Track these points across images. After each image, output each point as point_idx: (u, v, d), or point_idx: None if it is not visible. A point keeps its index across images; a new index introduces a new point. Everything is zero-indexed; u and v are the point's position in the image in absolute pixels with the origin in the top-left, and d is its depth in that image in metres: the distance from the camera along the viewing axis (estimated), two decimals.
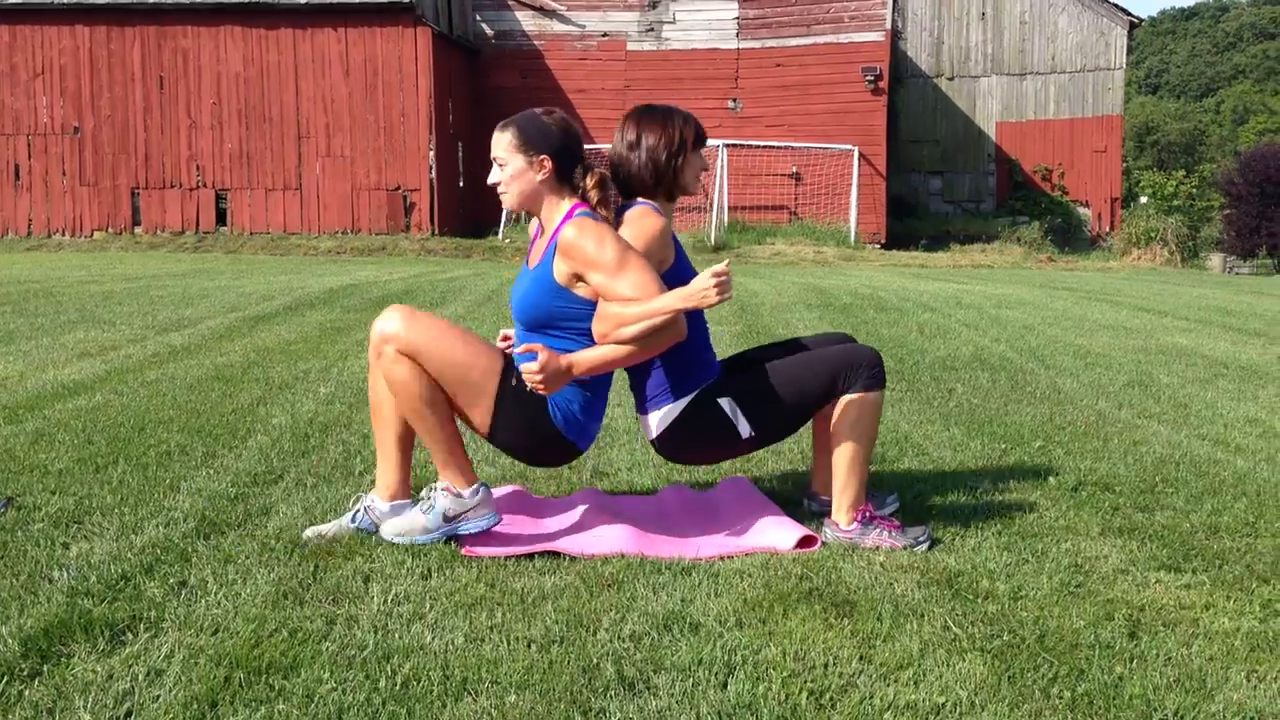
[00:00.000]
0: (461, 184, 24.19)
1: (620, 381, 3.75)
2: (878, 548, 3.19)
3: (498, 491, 3.65)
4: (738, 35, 24.06)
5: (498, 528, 3.26)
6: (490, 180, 3.29)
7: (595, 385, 3.26)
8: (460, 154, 24.16)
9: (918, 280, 15.01)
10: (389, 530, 3.19)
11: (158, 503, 3.52)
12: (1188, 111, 74.19)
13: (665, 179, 3.34)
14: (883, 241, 23.96)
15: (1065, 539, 3.29)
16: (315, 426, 4.70)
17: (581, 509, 3.48)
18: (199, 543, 3.14)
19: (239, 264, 17.17)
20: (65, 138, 23.01)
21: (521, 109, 3.30)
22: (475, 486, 3.20)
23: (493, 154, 3.27)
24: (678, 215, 23.46)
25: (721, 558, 3.14)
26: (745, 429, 3.29)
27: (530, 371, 3.04)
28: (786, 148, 23.86)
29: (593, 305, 3.15)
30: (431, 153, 22.53)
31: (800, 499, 3.62)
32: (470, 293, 11.13)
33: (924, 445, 4.55)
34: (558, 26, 24.50)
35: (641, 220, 3.27)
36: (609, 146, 3.48)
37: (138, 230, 22.97)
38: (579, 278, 3.13)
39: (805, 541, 3.21)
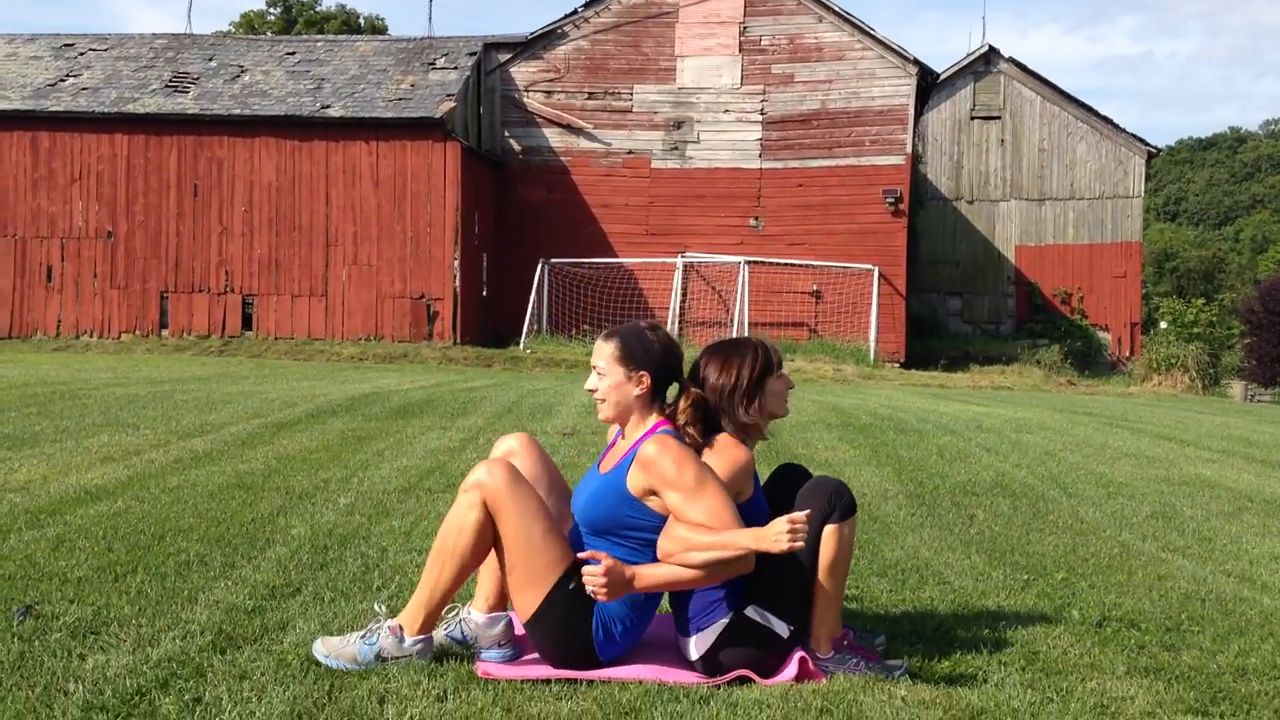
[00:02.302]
0: (485, 294, 24.47)
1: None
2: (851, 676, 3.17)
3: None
4: (760, 156, 24.51)
5: (522, 657, 3.25)
6: (588, 386, 3.32)
7: (642, 610, 3.25)
8: (484, 264, 24.50)
9: (937, 401, 15.00)
10: (319, 647, 3.17)
11: (175, 614, 3.51)
12: (1206, 239, 74.74)
13: (749, 413, 3.37)
14: (902, 360, 24.03)
15: (1090, 677, 3.23)
16: (334, 538, 4.70)
17: None
18: (215, 657, 3.12)
19: (263, 368, 17.31)
20: (98, 241, 23.47)
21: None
22: (419, 639, 3.19)
23: (593, 361, 3.31)
24: (700, 330, 23.62)
25: (740, 679, 3.12)
26: (783, 628, 3.24)
27: (594, 574, 3.03)
28: (807, 266, 24.12)
29: (660, 519, 3.15)
30: (456, 262, 22.84)
31: None
32: (491, 403, 11.18)
33: (945, 573, 4.50)
34: (584, 144, 25.03)
35: (728, 450, 3.30)
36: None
37: (164, 333, 23.26)
38: (653, 492, 3.14)
39: (803, 668, 3.18)
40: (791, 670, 3.18)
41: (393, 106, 23.19)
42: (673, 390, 3.38)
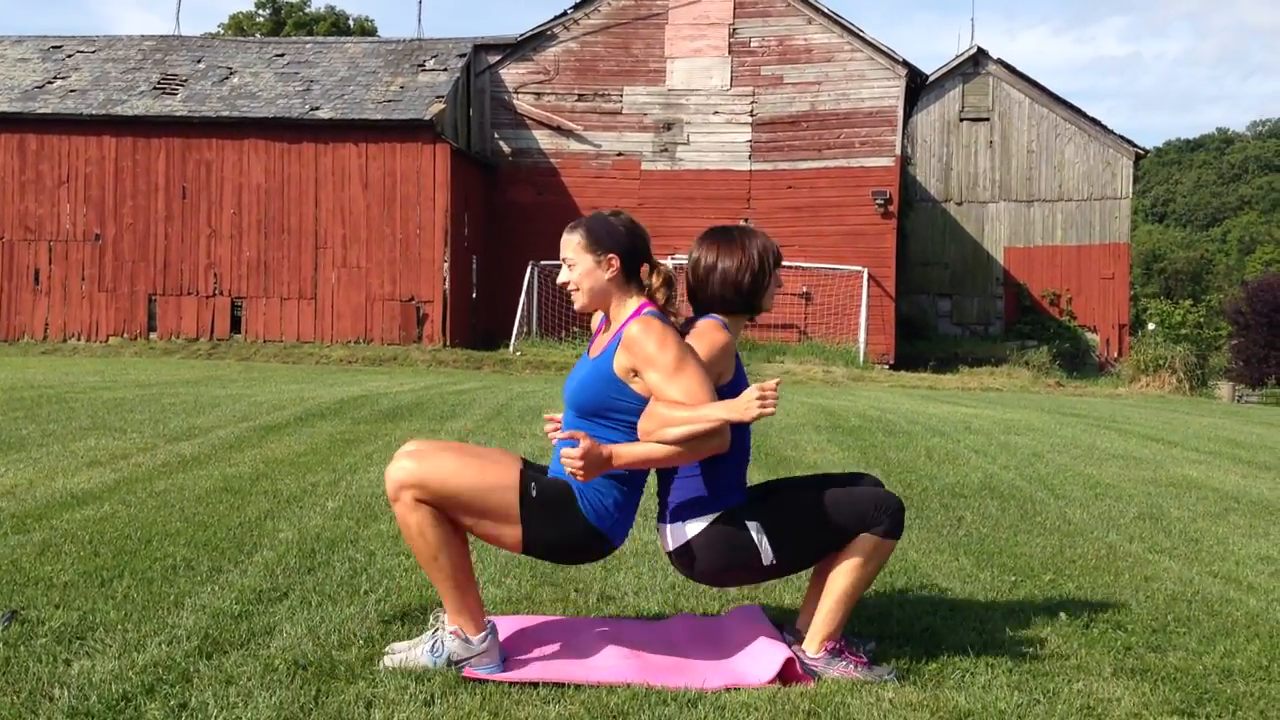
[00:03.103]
0: (474, 296, 24.44)
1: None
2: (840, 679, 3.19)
3: (503, 618, 3.62)
4: (750, 157, 24.53)
5: (503, 657, 3.24)
6: (560, 280, 3.35)
7: (630, 481, 3.27)
8: (474, 267, 24.48)
9: (926, 403, 15.03)
10: (390, 661, 3.17)
11: (161, 619, 3.50)
12: (1194, 240, 74.99)
13: (747, 301, 3.41)
14: (891, 362, 24.07)
15: (1077, 679, 3.24)
16: (322, 542, 4.69)
17: (587, 635, 3.45)
18: (201, 662, 3.11)
19: (251, 371, 17.27)
20: (86, 244, 23.40)
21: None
22: (484, 634, 3.19)
23: (562, 255, 3.32)
24: None
25: (728, 688, 3.10)
26: (768, 556, 3.27)
27: (571, 457, 3.06)
28: (797, 267, 24.14)
29: (644, 401, 3.18)
30: (446, 265, 22.82)
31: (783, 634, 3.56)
32: (480, 406, 11.17)
33: (933, 575, 4.51)
34: (574, 145, 25.03)
35: (709, 333, 3.34)
36: (685, 259, 3.54)
37: (152, 336, 23.19)
38: (635, 373, 3.17)
39: (789, 671, 3.18)
40: (775, 662, 3.17)
41: (382, 108, 23.16)
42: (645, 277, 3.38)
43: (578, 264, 3.28)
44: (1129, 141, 29.78)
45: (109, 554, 4.34)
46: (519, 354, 22.15)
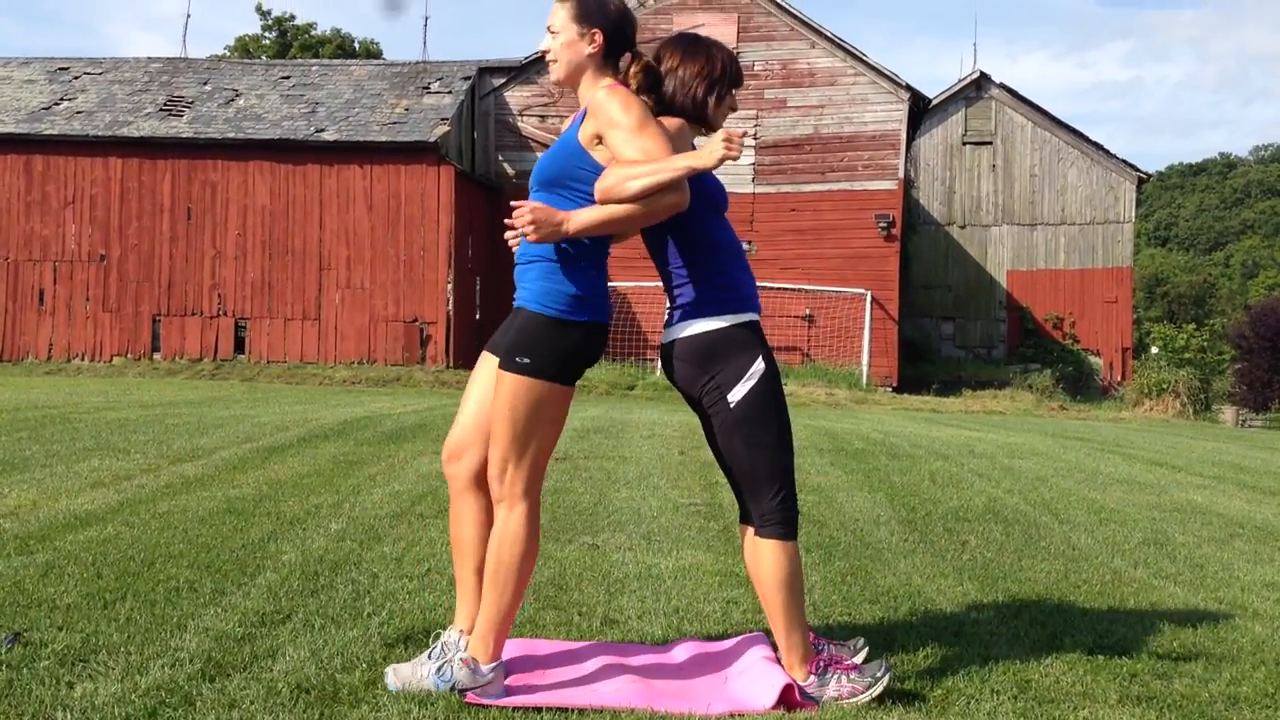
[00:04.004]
0: (478, 317, 24.48)
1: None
2: (839, 698, 3.17)
3: (506, 641, 3.62)
4: (754, 180, 24.59)
5: (506, 680, 3.23)
6: (541, 47, 3.34)
7: (584, 263, 3.22)
8: (477, 288, 24.51)
9: (930, 426, 15.01)
10: (391, 678, 3.17)
11: (164, 642, 3.49)
12: (1197, 264, 75.03)
13: (698, 111, 3.37)
14: (895, 385, 24.06)
15: (1083, 706, 3.23)
16: (325, 564, 4.68)
17: (590, 660, 3.45)
18: (204, 685, 3.10)
19: (255, 392, 17.28)
20: (91, 265, 23.46)
21: None
22: (496, 664, 3.19)
23: (547, 22, 3.30)
24: None
25: (732, 715, 3.09)
26: (737, 394, 3.24)
27: (520, 215, 3.07)
28: (800, 290, 24.16)
29: (602, 169, 3.16)
30: (449, 286, 22.86)
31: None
32: None
33: (937, 600, 4.50)
34: None
35: (668, 121, 3.33)
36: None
37: (156, 356, 23.22)
38: (599, 140, 3.16)
39: (789, 697, 3.17)
40: (774, 689, 3.15)
41: (387, 130, 23.26)
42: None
43: (561, 34, 3.26)
44: (1131, 165, 29.85)
45: (112, 576, 4.33)
46: None
